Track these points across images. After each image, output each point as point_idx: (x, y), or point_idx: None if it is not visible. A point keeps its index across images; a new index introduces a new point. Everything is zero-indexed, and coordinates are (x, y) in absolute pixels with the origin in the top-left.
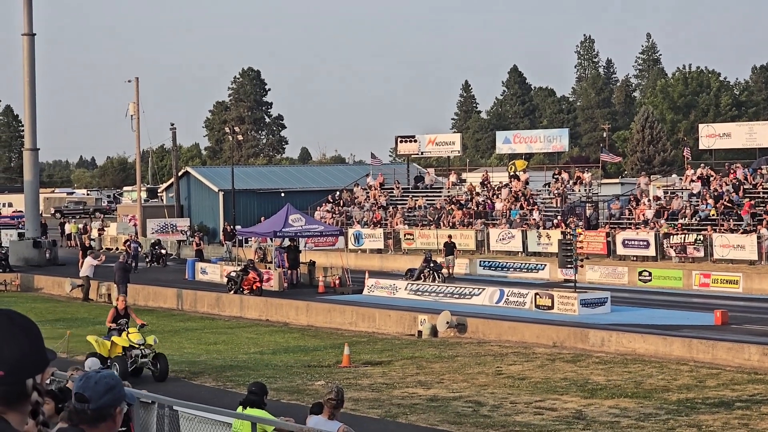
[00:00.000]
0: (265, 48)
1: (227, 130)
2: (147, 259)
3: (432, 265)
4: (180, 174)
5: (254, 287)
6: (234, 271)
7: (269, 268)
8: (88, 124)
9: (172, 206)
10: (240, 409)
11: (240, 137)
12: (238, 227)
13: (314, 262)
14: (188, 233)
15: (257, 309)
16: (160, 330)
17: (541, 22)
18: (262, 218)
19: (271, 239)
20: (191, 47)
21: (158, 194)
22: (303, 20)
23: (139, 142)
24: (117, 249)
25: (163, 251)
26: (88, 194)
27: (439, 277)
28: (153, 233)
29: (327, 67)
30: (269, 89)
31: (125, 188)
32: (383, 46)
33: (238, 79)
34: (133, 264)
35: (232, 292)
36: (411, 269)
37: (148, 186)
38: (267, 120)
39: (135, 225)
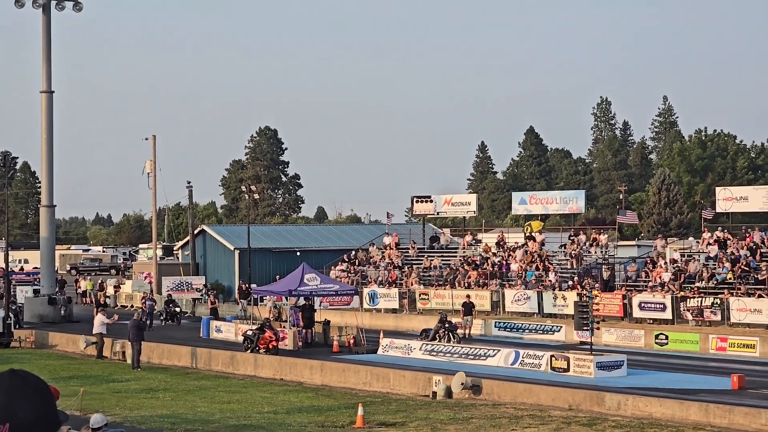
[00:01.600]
0: (282, 107)
1: (243, 188)
2: (162, 317)
3: (447, 325)
4: (196, 232)
5: (270, 346)
6: (250, 329)
7: (284, 327)
8: (105, 182)
9: (187, 264)
10: None
11: (256, 196)
12: (253, 286)
13: (329, 321)
14: (203, 291)
15: (272, 368)
16: (173, 389)
17: (558, 83)
18: (278, 277)
19: (287, 298)
20: (209, 105)
21: (174, 252)
22: (321, 81)
23: (156, 199)
24: (132, 306)
25: (177, 309)
26: (103, 251)
27: (454, 338)
28: (168, 291)
29: (344, 127)
30: (286, 148)
31: (141, 246)
32: (400, 107)
33: (255, 137)
34: (148, 322)
35: (249, 351)
36: (426, 329)
37: (164, 244)
38: (283, 179)
39: (150, 282)
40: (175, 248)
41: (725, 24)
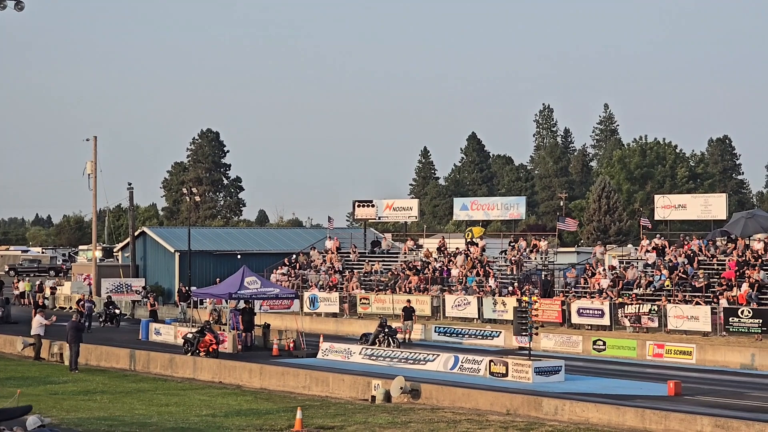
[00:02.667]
0: (224, 110)
1: (185, 191)
2: (101, 319)
3: (387, 330)
4: (136, 234)
5: (210, 349)
6: (190, 332)
7: (224, 330)
8: (45, 182)
9: (127, 266)
10: None
11: (197, 198)
12: (193, 288)
13: (269, 325)
14: (143, 293)
15: (210, 371)
16: (111, 391)
17: (501, 90)
18: (218, 280)
19: (227, 301)
20: (151, 107)
21: (114, 254)
22: (264, 84)
23: (96, 201)
24: (71, 308)
25: (117, 311)
26: (43, 252)
27: (394, 342)
28: (108, 293)
29: (286, 131)
30: (228, 151)
31: (81, 247)
32: (342, 111)
33: (197, 140)
34: (87, 323)
35: (189, 353)
36: (366, 334)
37: (104, 245)
38: (225, 182)
39: (90, 284)
40: (115, 250)
41: (665, 33)
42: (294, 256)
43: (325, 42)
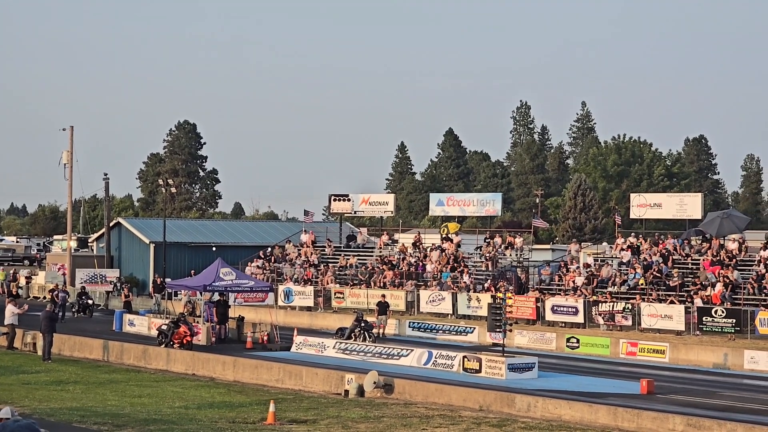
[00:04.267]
0: (201, 101)
1: (161, 182)
2: (74, 309)
3: (363, 324)
4: (111, 224)
5: (185, 341)
6: (165, 324)
7: (198, 322)
8: (20, 172)
9: (102, 257)
10: None
11: (173, 190)
12: (168, 280)
13: (243, 318)
14: (117, 284)
15: (184, 363)
16: (84, 381)
17: (478, 86)
18: (193, 272)
19: (201, 293)
20: (128, 98)
21: (89, 244)
22: (241, 75)
23: (71, 191)
24: (45, 297)
25: (90, 301)
26: (17, 242)
27: (369, 337)
28: (82, 283)
29: (263, 124)
30: (204, 143)
31: (56, 237)
32: (320, 105)
33: (174, 131)
34: (60, 313)
35: (163, 345)
36: (342, 328)
37: (79, 235)
38: (201, 173)
39: (64, 274)
40: (90, 240)
41: (644, 31)
42: (269, 249)
43: (303, 37)
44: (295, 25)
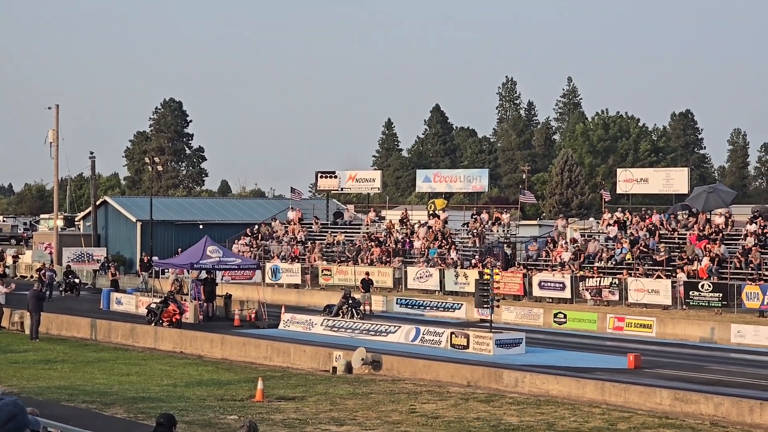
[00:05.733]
0: (188, 79)
1: (147, 160)
2: (61, 288)
3: (351, 301)
4: (98, 203)
5: (174, 320)
6: (154, 303)
7: (185, 300)
8: (6, 151)
9: (89, 235)
10: None
11: (159, 168)
12: (155, 258)
13: (230, 296)
14: (104, 263)
15: (172, 341)
16: (72, 360)
17: (465, 62)
18: (180, 250)
19: (188, 271)
20: (113, 76)
21: (75, 223)
22: (227, 53)
23: (58, 169)
24: (32, 277)
25: (77, 280)
26: (3, 221)
27: (357, 314)
28: (69, 262)
29: (249, 101)
30: (190, 120)
31: (42, 216)
32: (307, 82)
33: (160, 109)
34: (48, 292)
35: (152, 324)
36: (329, 305)
37: (66, 214)
38: (187, 151)
39: (51, 253)
40: (76, 219)
41: (630, 6)
42: (256, 226)
43: (288, 13)
44: (281, 1)
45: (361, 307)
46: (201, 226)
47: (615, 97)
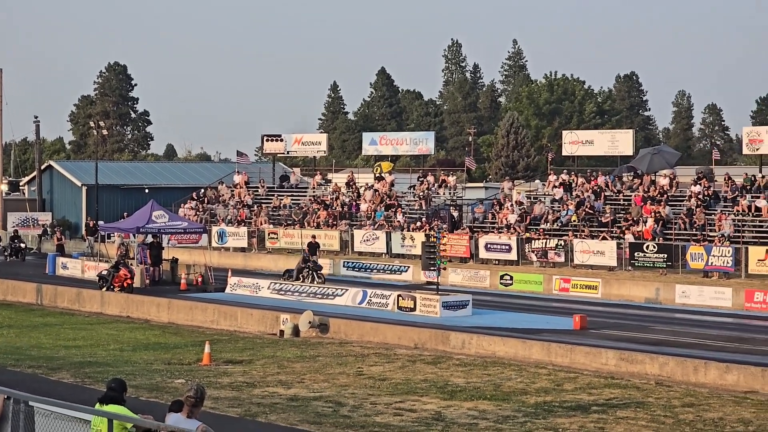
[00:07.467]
0: (132, 43)
1: (92, 124)
2: (6, 253)
3: (311, 264)
4: (43, 168)
5: (125, 284)
6: (105, 269)
7: (132, 265)
8: None
9: (34, 200)
10: (98, 405)
11: (105, 132)
12: (100, 223)
13: (177, 260)
14: (49, 228)
15: (118, 305)
16: (18, 325)
17: (410, 24)
18: (126, 214)
19: (134, 235)
20: (57, 39)
21: (20, 188)
22: (172, 17)
23: (2, 134)
24: None
25: (23, 245)
26: None
27: (319, 278)
28: (14, 227)
29: (195, 65)
30: (135, 84)
31: None
32: (251, 46)
33: (104, 73)
34: None
35: (104, 289)
36: (289, 269)
37: (10, 179)
38: (132, 115)
39: None
40: (21, 184)
41: None
42: (202, 190)
43: None
44: None
45: (305, 271)
46: (147, 190)
47: (560, 60)
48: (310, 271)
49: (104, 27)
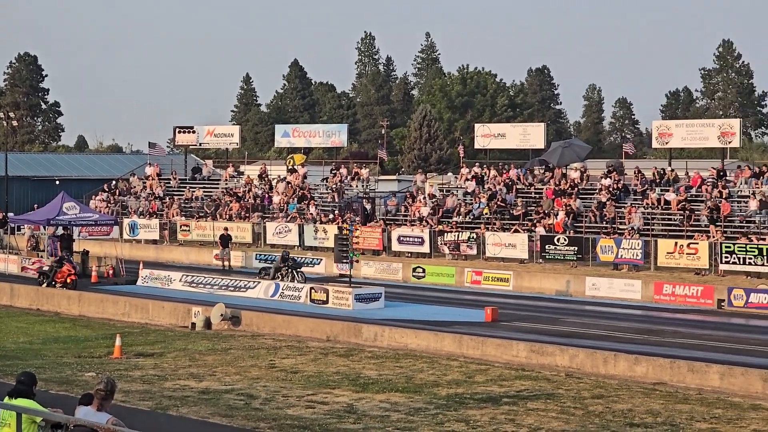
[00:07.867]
0: (43, 33)
1: (1, 115)
2: None
3: (290, 263)
4: None
5: (68, 280)
6: (47, 265)
7: (41, 257)
8: None
9: None
10: (7, 399)
11: (15, 123)
12: (10, 214)
13: (88, 252)
14: None
15: (28, 298)
16: None
17: (323, 17)
18: (36, 206)
19: (44, 227)
20: None
21: None
22: (83, 7)
23: None
24: None
25: None
26: None
27: (298, 276)
28: None
29: (106, 55)
30: (46, 75)
31: None
32: (164, 36)
33: (14, 63)
34: None
35: (45, 285)
36: (265, 268)
37: None
38: (43, 106)
39: None
40: None
41: None
42: (113, 182)
43: None
44: None
45: (217, 262)
46: (57, 182)
47: (473, 53)
48: (290, 270)
49: (14, 17)
